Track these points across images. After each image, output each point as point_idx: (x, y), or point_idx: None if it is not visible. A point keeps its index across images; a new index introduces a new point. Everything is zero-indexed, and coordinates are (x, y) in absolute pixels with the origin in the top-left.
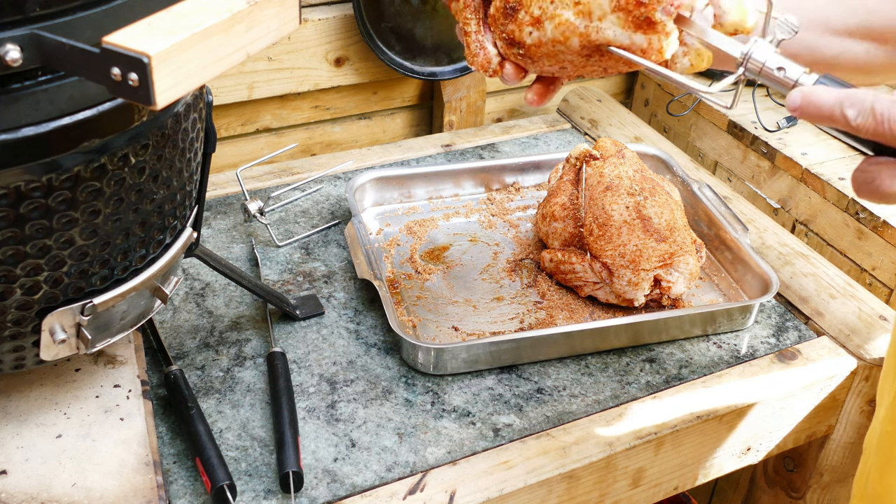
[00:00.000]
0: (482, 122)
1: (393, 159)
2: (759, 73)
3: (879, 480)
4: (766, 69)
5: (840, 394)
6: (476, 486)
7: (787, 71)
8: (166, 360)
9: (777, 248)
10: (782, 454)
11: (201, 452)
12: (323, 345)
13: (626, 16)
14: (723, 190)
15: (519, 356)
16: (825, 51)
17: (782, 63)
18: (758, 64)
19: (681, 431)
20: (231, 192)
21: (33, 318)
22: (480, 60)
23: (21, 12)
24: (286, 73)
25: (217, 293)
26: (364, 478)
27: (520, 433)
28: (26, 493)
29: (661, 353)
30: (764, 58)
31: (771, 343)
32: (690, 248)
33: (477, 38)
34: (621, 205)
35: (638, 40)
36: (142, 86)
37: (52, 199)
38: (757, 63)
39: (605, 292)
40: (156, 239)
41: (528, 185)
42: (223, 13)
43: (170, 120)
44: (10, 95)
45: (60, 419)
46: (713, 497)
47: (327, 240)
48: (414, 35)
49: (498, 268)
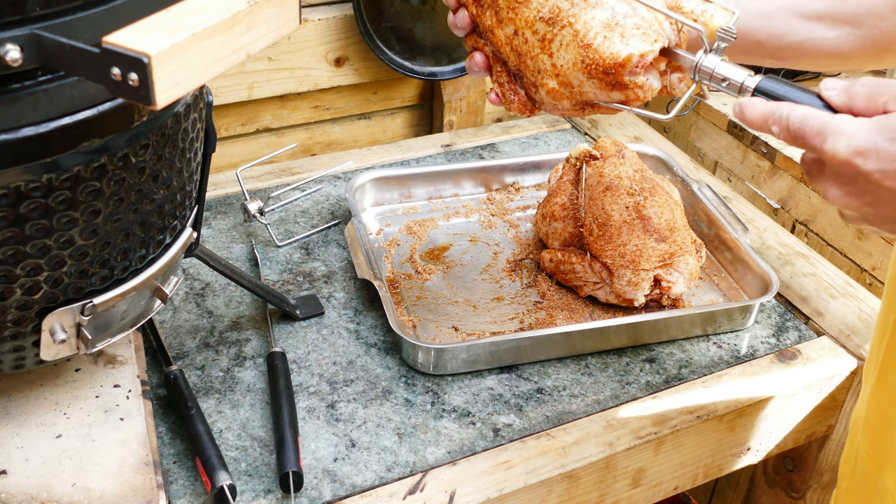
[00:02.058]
0: (482, 122)
1: (393, 159)
2: (711, 79)
3: (868, 458)
4: (716, 75)
5: (840, 394)
6: (476, 486)
7: (731, 78)
8: (166, 360)
9: (777, 248)
10: (782, 454)
11: (201, 452)
12: (323, 345)
13: (599, 82)
14: (723, 190)
15: (519, 356)
16: (793, 37)
17: (726, 72)
18: (707, 71)
19: (681, 431)
20: (231, 192)
21: (33, 318)
22: (517, 105)
23: (21, 12)
24: (286, 73)
25: (217, 293)
26: (364, 478)
27: (520, 433)
28: (26, 493)
29: (661, 353)
30: (712, 66)
31: (771, 343)
32: (690, 248)
33: (511, 87)
34: (621, 205)
35: (616, 97)
36: (142, 86)
37: (52, 199)
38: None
39: (605, 292)
40: (156, 239)
41: (528, 185)
42: (223, 13)
43: (170, 120)
44: (10, 95)
45: (60, 419)
46: (713, 497)
47: (327, 240)
48: (414, 35)
49: (498, 268)
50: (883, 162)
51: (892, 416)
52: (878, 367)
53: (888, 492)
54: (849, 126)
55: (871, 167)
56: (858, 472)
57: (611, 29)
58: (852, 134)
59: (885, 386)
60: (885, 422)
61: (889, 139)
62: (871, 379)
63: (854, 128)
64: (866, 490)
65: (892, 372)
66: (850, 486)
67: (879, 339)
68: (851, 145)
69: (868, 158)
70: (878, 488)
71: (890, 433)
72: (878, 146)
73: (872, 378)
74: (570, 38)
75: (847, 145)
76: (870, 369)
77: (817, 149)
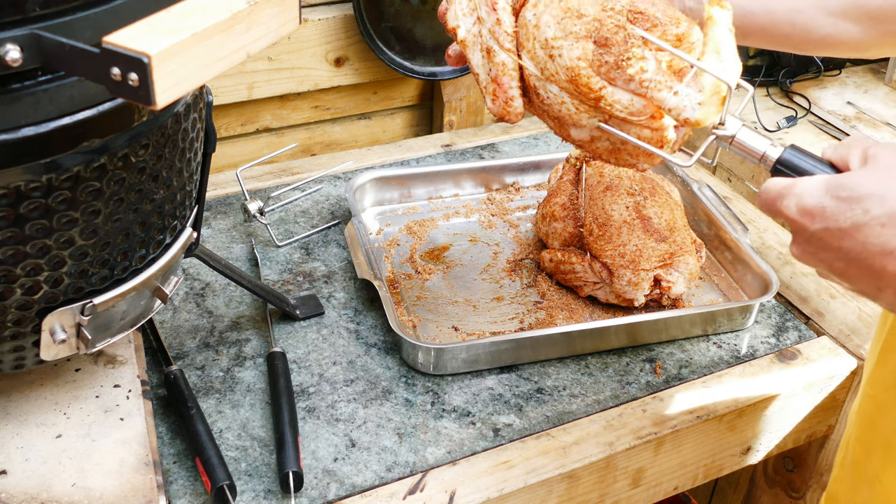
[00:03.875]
0: (482, 122)
1: (393, 159)
2: (731, 144)
3: (859, 445)
4: (737, 141)
5: (840, 394)
6: (476, 486)
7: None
8: (166, 360)
9: (777, 248)
10: (782, 454)
11: (201, 452)
12: (323, 345)
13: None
14: (723, 190)
15: (519, 356)
16: (819, 31)
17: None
18: (728, 136)
19: (681, 431)
20: (231, 192)
21: (33, 318)
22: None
23: (21, 12)
24: (286, 73)
25: (217, 293)
26: (364, 478)
27: (520, 433)
28: (26, 493)
29: (661, 353)
30: (734, 130)
31: (771, 343)
32: (690, 248)
33: None
34: (621, 205)
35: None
36: (142, 86)
37: (52, 199)
38: (727, 136)
39: (605, 292)
40: (156, 239)
41: (528, 185)
42: (223, 13)
43: (170, 120)
44: (10, 95)
45: (60, 419)
46: (713, 497)
47: (327, 240)
48: (414, 35)
49: (498, 268)
50: (827, 221)
51: (885, 402)
52: (878, 352)
53: (877, 478)
54: (801, 187)
55: (816, 227)
56: (849, 460)
57: None
58: (800, 194)
59: (884, 369)
60: (877, 407)
61: (835, 198)
62: (871, 364)
63: (804, 187)
64: (855, 477)
65: (892, 354)
66: (840, 475)
67: (883, 322)
68: (799, 205)
69: (815, 219)
70: (868, 475)
71: (881, 419)
72: (824, 205)
73: (872, 363)
74: None
75: (796, 205)
76: (871, 355)
77: (777, 211)
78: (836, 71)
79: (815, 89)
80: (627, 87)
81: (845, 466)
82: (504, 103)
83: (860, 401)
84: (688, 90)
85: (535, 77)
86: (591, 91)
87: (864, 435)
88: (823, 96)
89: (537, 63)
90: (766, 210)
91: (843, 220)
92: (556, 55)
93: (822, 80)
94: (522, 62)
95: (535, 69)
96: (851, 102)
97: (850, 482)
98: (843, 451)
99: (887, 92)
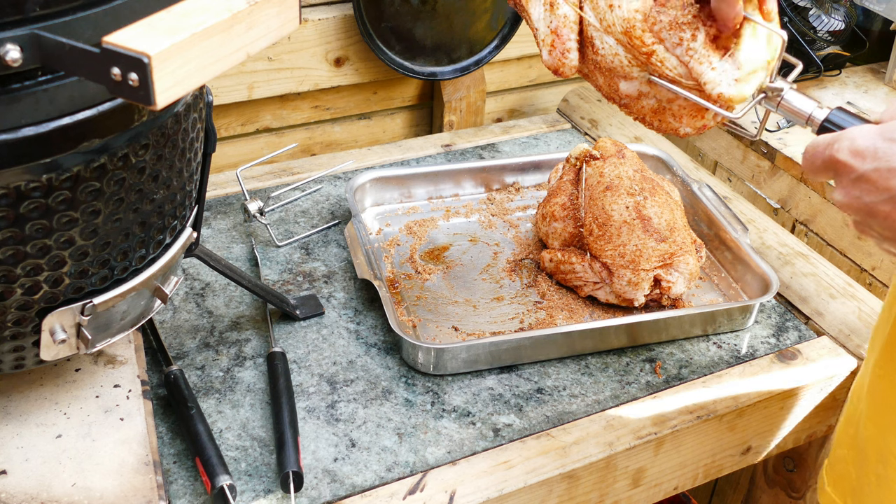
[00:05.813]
0: (482, 122)
1: (393, 159)
2: (778, 106)
3: (871, 423)
4: (784, 101)
5: (840, 394)
6: (476, 486)
7: (800, 107)
8: (166, 360)
9: (777, 248)
10: (782, 454)
11: (201, 452)
12: (323, 345)
13: None
14: (723, 190)
15: (519, 356)
16: None
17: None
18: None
19: (681, 431)
20: (231, 192)
21: (33, 318)
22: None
23: (21, 12)
24: (286, 73)
25: (217, 293)
26: (364, 478)
27: (520, 433)
28: (26, 493)
29: (661, 353)
30: (781, 88)
31: (771, 343)
32: (690, 248)
33: None
34: (621, 205)
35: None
36: (142, 86)
37: (52, 199)
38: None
39: (605, 292)
40: (156, 239)
41: (528, 185)
42: (223, 13)
43: (170, 120)
44: (10, 95)
45: (60, 419)
46: (713, 497)
47: (327, 240)
48: (414, 35)
49: (498, 268)
50: (879, 161)
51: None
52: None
53: (892, 454)
54: (854, 131)
55: (867, 167)
56: (860, 439)
57: None
58: (853, 137)
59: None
60: (892, 386)
61: (887, 139)
62: (877, 347)
63: (857, 132)
64: (866, 455)
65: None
66: (847, 454)
67: (889, 307)
68: (851, 147)
69: (866, 159)
70: (882, 452)
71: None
72: (877, 146)
73: (879, 346)
74: None
75: (848, 147)
76: (875, 340)
77: (828, 158)
78: (836, 71)
79: (815, 89)
80: (674, 52)
81: (855, 446)
82: (561, 54)
83: (871, 382)
84: (726, 65)
85: (593, 27)
86: (644, 45)
87: (878, 413)
88: (823, 96)
89: (597, 13)
90: (814, 160)
91: (894, 160)
92: (615, 5)
93: (822, 80)
94: (584, 13)
95: (595, 20)
96: (851, 102)
97: (860, 462)
98: (852, 429)
99: (887, 92)
